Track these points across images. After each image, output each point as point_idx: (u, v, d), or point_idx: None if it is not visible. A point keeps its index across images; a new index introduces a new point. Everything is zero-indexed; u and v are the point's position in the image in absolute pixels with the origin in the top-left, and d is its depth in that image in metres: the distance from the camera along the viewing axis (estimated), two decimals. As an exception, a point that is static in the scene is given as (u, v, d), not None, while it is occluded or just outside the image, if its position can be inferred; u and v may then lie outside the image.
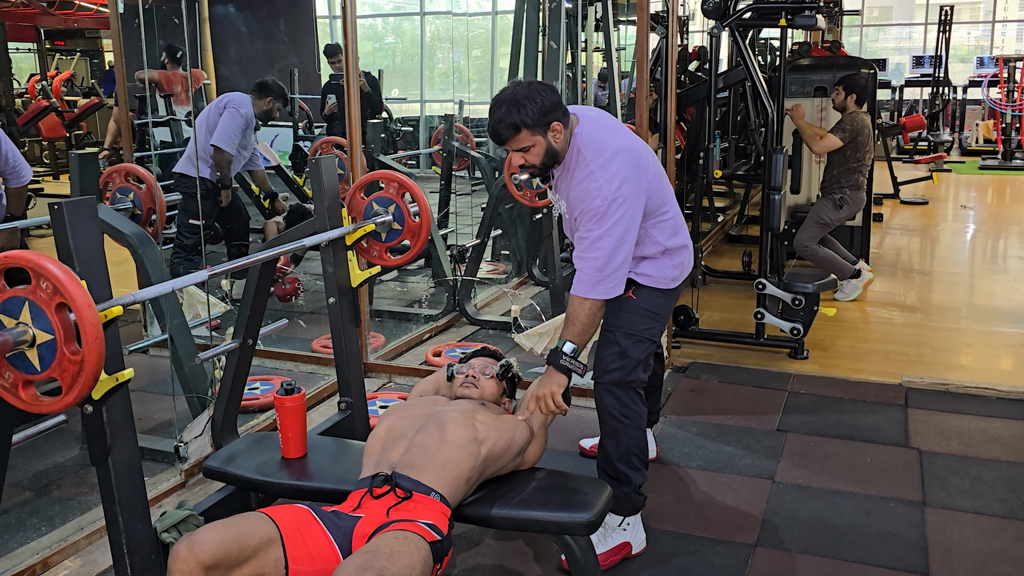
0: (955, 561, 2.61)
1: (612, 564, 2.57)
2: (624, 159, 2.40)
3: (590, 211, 2.36)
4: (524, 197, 4.33)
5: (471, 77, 8.63)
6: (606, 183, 2.34)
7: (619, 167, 2.37)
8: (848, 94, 5.24)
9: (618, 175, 2.36)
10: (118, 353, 1.85)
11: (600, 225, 2.35)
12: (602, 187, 2.34)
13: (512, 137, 2.35)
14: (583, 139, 2.41)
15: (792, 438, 3.46)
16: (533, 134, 2.34)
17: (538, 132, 2.34)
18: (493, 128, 2.36)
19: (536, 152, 2.38)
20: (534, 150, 2.37)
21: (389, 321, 4.94)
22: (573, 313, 2.41)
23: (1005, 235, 7.83)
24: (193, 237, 4.49)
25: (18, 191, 3.67)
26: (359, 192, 2.80)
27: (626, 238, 2.37)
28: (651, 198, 2.46)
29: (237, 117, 4.57)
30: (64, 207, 1.76)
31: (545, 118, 2.33)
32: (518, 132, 2.33)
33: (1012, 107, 11.67)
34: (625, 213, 2.35)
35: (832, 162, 5.30)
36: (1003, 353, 4.53)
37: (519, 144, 2.36)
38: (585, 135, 2.42)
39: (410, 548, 1.78)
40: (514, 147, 2.38)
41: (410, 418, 2.21)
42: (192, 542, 1.75)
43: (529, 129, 2.33)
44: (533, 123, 2.32)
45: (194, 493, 2.99)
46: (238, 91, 4.74)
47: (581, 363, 2.40)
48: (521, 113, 2.30)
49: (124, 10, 4.23)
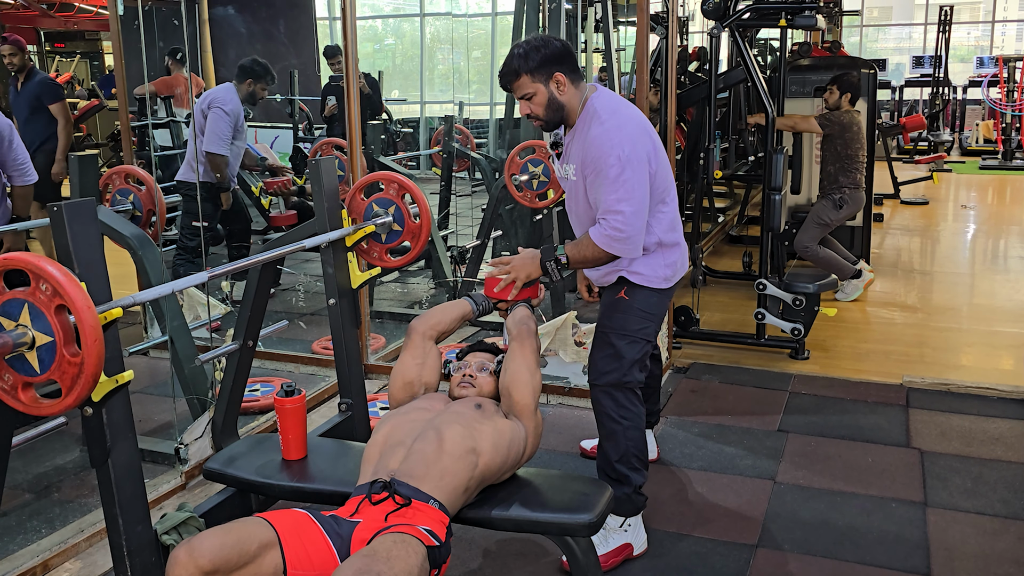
0: (957, 562, 2.61)
1: (613, 565, 2.57)
2: (640, 127, 2.46)
3: (604, 171, 2.36)
4: (524, 198, 4.33)
5: (471, 78, 8.63)
6: (621, 142, 2.37)
7: (635, 131, 2.42)
8: (843, 93, 5.27)
9: (633, 137, 2.40)
10: (118, 355, 1.85)
11: (616, 188, 2.36)
12: (616, 145, 2.36)
13: (513, 83, 2.43)
14: (599, 101, 2.46)
15: (793, 439, 3.46)
16: (534, 81, 2.40)
17: (539, 80, 2.40)
18: (499, 74, 2.45)
19: (539, 101, 2.43)
20: (536, 99, 2.43)
21: (390, 322, 4.94)
22: (584, 244, 2.45)
23: (1006, 235, 7.82)
24: (196, 239, 4.49)
25: (24, 191, 3.66)
26: (359, 193, 2.80)
27: (644, 201, 2.40)
28: (656, 183, 2.47)
29: (223, 116, 4.50)
30: (63, 209, 1.76)
31: (547, 67, 2.39)
32: (518, 78, 2.41)
33: (1012, 107, 11.67)
34: (639, 176, 2.38)
35: (826, 159, 5.34)
36: (1004, 353, 4.52)
37: (521, 91, 2.43)
38: (602, 98, 2.47)
39: (407, 552, 1.77)
40: (517, 94, 2.46)
41: (408, 424, 2.16)
42: (192, 547, 1.74)
43: (529, 75, 2.39)
44: (532, 69, 2.39)
45: (194, 495, 2.99)
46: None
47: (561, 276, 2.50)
48: (522, 60, 2.39)
49: (124, 12, 4.24)
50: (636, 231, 2.40)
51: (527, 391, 2.25)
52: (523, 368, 2.28)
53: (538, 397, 2.30)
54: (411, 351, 2.43)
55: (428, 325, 2.47)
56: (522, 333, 2.38)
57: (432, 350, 2.46)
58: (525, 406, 2.25)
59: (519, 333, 2.39)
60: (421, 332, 2.46)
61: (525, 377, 2.27)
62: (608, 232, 2.39)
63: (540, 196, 4.32)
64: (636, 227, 2.39)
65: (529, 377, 2.27)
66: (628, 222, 2.37)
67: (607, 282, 2.63)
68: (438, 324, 2.49)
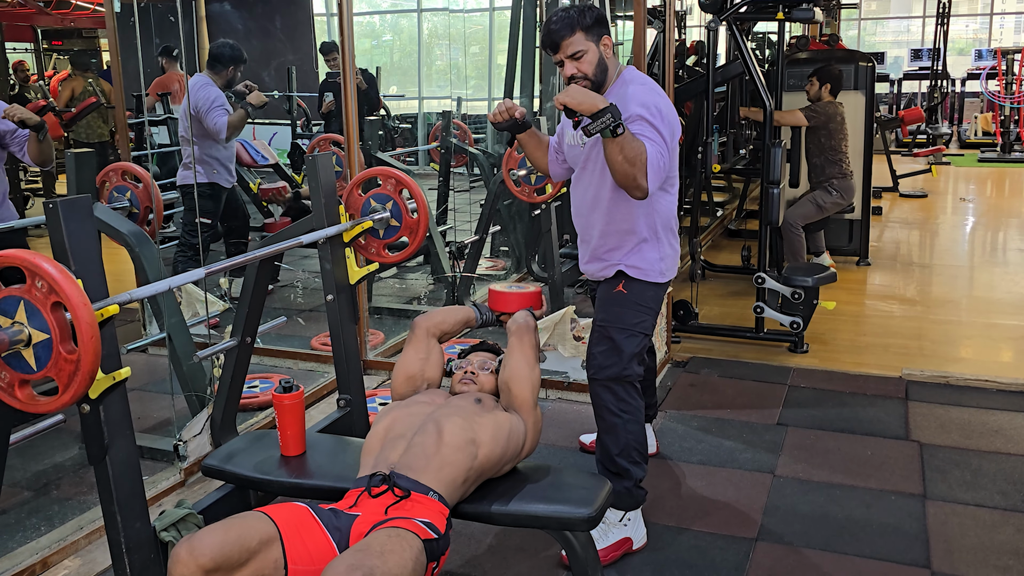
0: (956, 554, 2.61)
1: (613, 560, 2.57)
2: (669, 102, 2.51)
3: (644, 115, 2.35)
4: (523, 193, 4.32)
5: (469, 74, 8.62)
6: (659, 100, 2.42)
7: (668, 103, 2.47)
8: (822, 84, 5.33)
9: (669, 105, 2.46)
10: (115, 352, 1.84)
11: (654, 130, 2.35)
12: (657, 98, 2.41)
13: (567, 38, 2.41)
14: (632, 73, 2.53)
15: (792, 432, 3.46)
16: (587, 38, 2.42)
17: (591, 39, 2.43)
18: (549, 31, 2.43)
19: (590, 60, 2.43)
20: (587, 57, 2.43)
21: (388, 318, 4.93)
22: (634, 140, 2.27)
23: (1004, 228, 7.82)
24: (197, 236, 4.47)
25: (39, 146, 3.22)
26: (357, 189, 2.79)
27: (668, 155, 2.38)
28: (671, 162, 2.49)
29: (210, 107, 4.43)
30: (59, 205, 1.75)
31: (599, 28, 2.44)
32: (573, 33, 2.41)
33: (1011, 100, 11.65)
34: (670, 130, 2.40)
35: (811, 151, 5.41)
36: (1003, 345, 4.52)
37: (573, 48, 2.42)
38: (636, 72, 2.55)
39: (402, 546, 1.76)
40: (566, 52, 2.43)
41: (408, 418, 2.18)
42: (192, 545, 1.74)
43: (584, 32, 2.41)
44: (588, 27, 2.41)
45: (193, 492, 2.99)
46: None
47: (610, 129, 2.21)
48: (579, 16, 2.41)
49: (120, 9, 4.22)
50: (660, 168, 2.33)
51: (526, 386, 2.26)
52: (522, 363, 2.29)
53: (537, 392, 2.31)
54: (415, 346, 2.46)
55: (432, 323, 2.50)
56: (521, 329, 2.39)
57: (435, 347, 2.48)
58: (524, 400, 2.25)
59: (518, 329, 2.39)
60: (425, 328, 2.48)
61: (524, 372, 2.28)
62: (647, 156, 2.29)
63: (538, 191, 4.31)
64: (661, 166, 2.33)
65: (528, 372, 2.28)
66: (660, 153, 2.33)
67: (604, 276, 2.63)
68: (442, 323, 2.52)
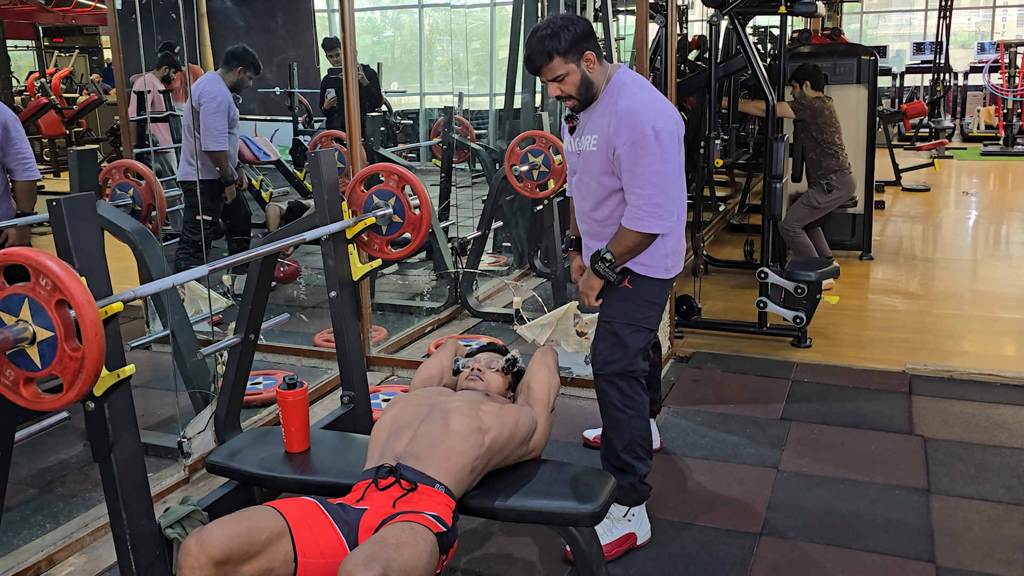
0: (960, 548, 2.61)
1: (617, 555, 2.57)
2: (667, 103, 2.48)
3: (640, 142, 2.35)
4: (525, 188, 4.32)
5: (470, 69, 8.61)
6: (654, 114, 2.38)
7: (664, 106, 2.44)
8: (801, 83, 5.32)
9: (664, 111, 2.41)
10: (119, 349, 1.84)
11: (649, 158, 2.35)
12: (650, 116, 2.37)
13: (546, 65, 2.40)
14: (627, 76, 2.48)
15: (796, 427, 3.46)
16: (566, 62, 2.39)
17: (571, 60, 2.39)
18: (527, 57, 2.42)
19: (571, 81, 2.42)
20: (569, 79, 2.41)
21: (391, 314, 4.93)
22: (621, 235, 2.45)
23: (1007, 221, 7.81)
24: (199, 233, 4.48)
25: (27, 186, 3.53)
26: (359, 185, 2.79)
27: (675, 174, 2.40)
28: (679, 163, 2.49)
29: (214, 110, 4.46)
30: (63, 203, 1.75)
31: (578, 46, 2.39)
32: (551, 60, 2.39)
33: (1013, 93, 11.63)
34: (671, 148, 2.38)
35: (806, 147, 5.37)
36: (1007, 339, 4.52)
37: (553, 72, 2.41)
38: (629, 74, 2.50)
39: (416, 539, 1.78)
40: (548, 76, 2.42)
41: (415, 408, 2.21)
42: (202, 537, 1.74)
43: (562, 56, 2.38)
44: (565, 50, 2.37)
45: (198, 488, 2.99)
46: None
47: (615, 272, 2.50)
48: (554, 41, 2.36)
49: (122, 6, 4.22)
50: (671, 201, 2.40)
51: (544, 384, 2.43)
52: (543, 367, 2.50)
53: (554, 395, 2.45)
54: (440, 355, 2.64)
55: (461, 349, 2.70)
56: (544, 349, 2.61)
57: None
58: (541, 396, 2.39)
59: (542, 350, 2.61)
60: (455, 345, 2.69)
61: (543, 373, 2.47)
62: (645, 208, 2.38)
63: (540, 186, 4.31)
64: (671, 197, 2.40)
65: (547, 373, 2.47)
66: (664, 193, 2.38)
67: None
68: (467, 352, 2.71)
